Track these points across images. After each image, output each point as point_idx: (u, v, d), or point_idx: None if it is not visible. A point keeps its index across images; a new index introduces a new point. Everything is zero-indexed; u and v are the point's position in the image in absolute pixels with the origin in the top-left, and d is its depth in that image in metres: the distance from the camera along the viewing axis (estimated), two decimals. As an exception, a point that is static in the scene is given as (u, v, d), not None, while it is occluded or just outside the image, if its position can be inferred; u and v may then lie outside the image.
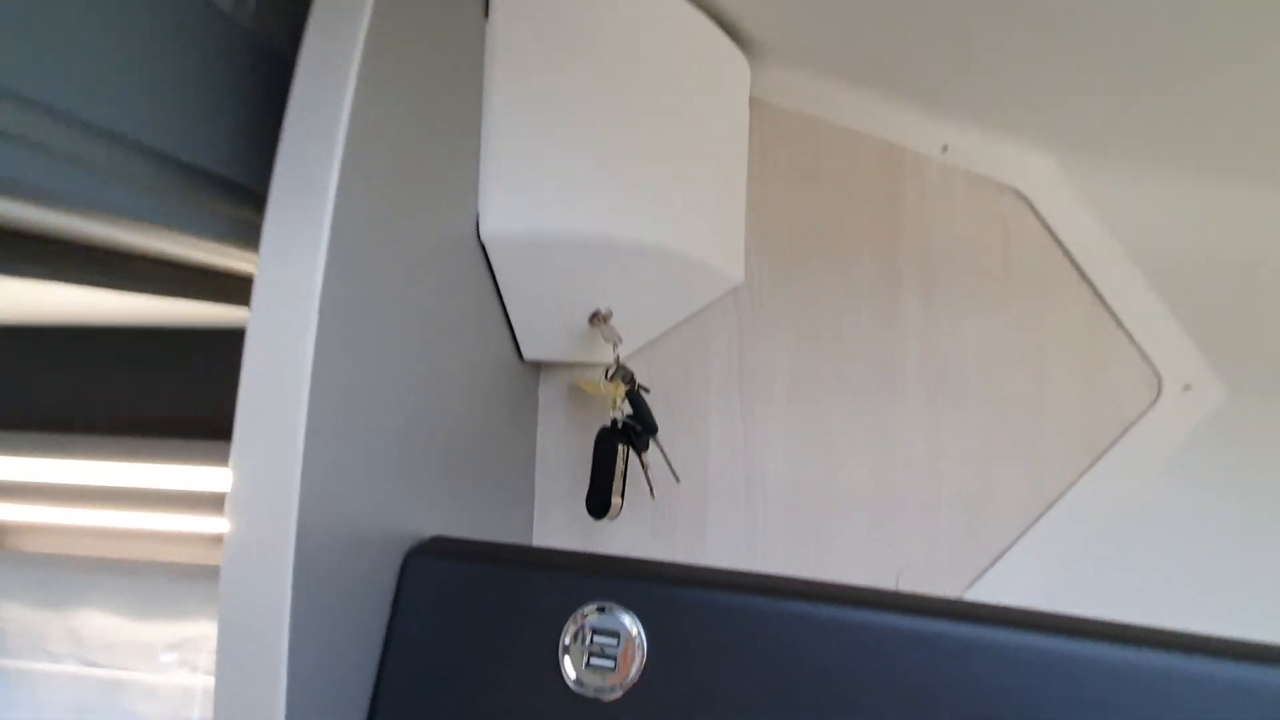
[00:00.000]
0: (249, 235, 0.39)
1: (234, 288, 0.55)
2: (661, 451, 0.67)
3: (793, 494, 0.71)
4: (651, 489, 0.68)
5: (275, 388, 0.35)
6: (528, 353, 0.68)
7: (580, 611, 0.38)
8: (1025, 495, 0.67)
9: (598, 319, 0.66)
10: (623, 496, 0.65)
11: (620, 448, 0.65)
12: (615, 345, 0.65)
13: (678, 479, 0.66)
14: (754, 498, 0.72)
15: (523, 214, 0.56)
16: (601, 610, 0.38)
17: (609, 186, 0.59)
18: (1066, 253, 0.68)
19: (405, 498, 0.45)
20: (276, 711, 0.33)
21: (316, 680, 0.35)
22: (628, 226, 0.60)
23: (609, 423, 0.66)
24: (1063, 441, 0.67)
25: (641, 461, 0.67)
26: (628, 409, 0.67)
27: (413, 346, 0.47)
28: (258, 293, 0.36)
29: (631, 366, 0.70)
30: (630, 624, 0.37)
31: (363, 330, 0.40)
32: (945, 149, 0.69)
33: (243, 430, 0.35)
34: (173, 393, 0.91)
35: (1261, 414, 0.64)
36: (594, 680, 0.37)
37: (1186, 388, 0.65)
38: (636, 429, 0.66)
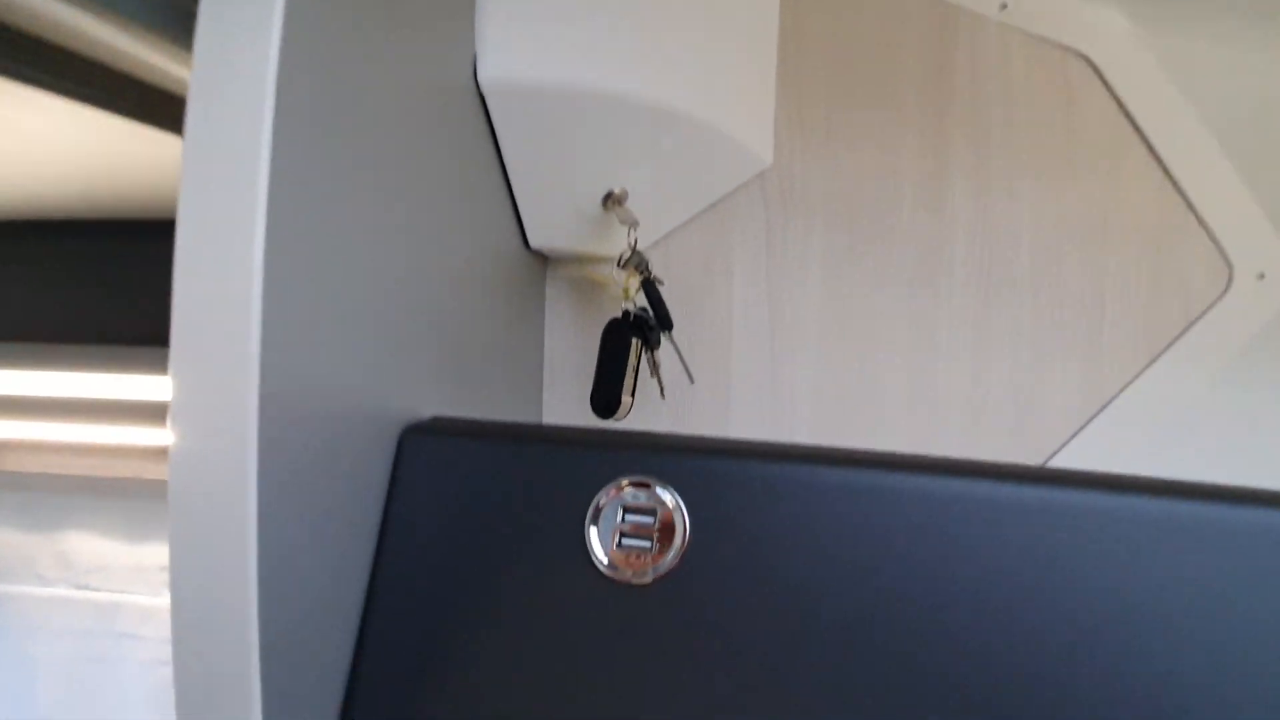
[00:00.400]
0: (188, 28, 0.32)
1: (170, 111, 0.47)
2: (675, 349, 0.61)
3: (825, 399, 0.65)
4: (662, 389, 0.63)
5: (221, 230, 0.28)
6: (535, 239, 0.61)
7: (612, 487, 0.33)
8: (1078, 396, 0.61)
9: (612, 201, 0.60)
10: (633, 395, 0.60)
11: (634, 342, 0.59)
12: (631, 229, 0.59)
13: (692, 379, 0.60)
14: (781, 404, 0.66)
15: (528, 58, 0.49)
16: (637, 485, 0.33)
17: (626, 35, 0.51)
18: (1135, 125, 0.60)
19: (397, 380, 0.40)
20: (248, 611, 0.28)
21: (294, 579, 0.30)
22: (646, 83, 0.52)
23: (620, 314, 0.60)
24: (1122, 336, 0.61)
25: (653, 359, 0.61)
26: (641, 301, 0.60)
27: (404, 210, 0.40)
28: (193, 97, 0.29)
29: (657, 287, 0.63)
30: (670, 499, 0.32)
31: (338, 177, 0.33)
32: (1003, 6, 0.61)
33: (185, 280, 0.29)
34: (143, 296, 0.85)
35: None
36: (627, 562, 0.32)
37: (1261, 276, 0.59)
38: (650, 323, 0.60)
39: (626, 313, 0.60)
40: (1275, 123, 0.58)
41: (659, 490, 0.32)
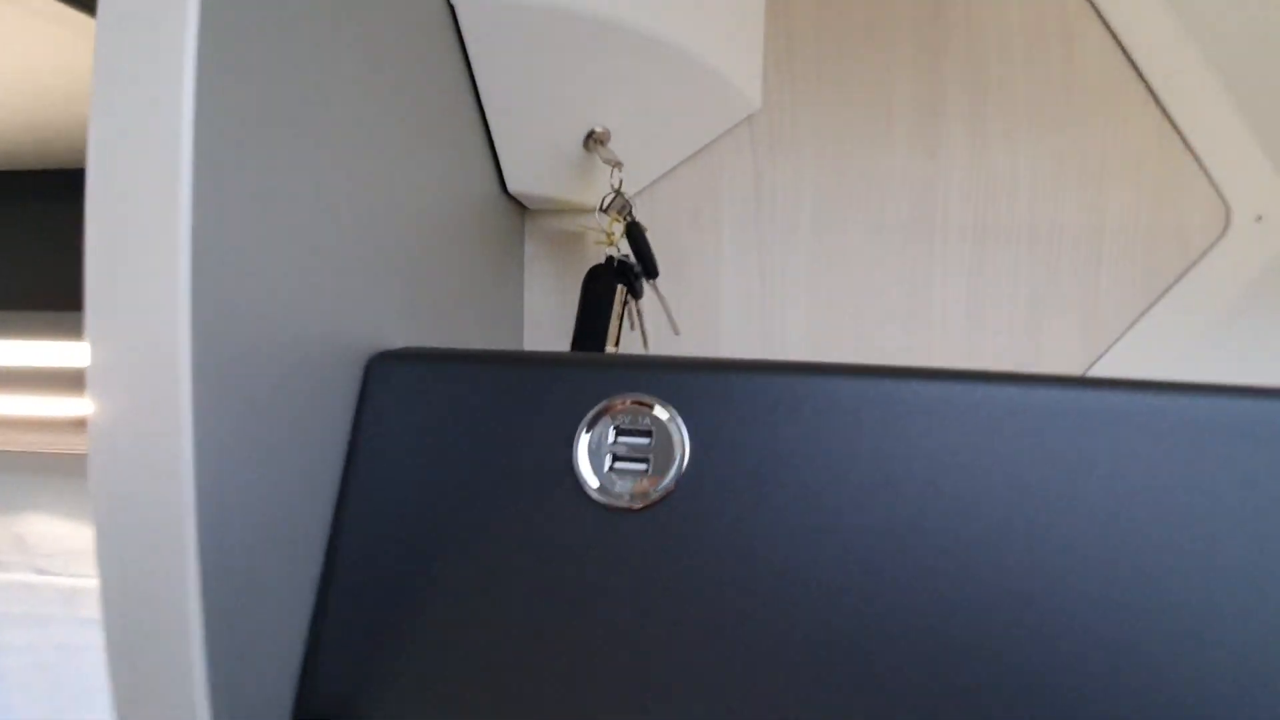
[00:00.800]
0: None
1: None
2: (660, 297, 0.59)
3: (817, 350, 0.63)
4: (645, 340, 0.60)
5: (140, 146, 0.25)
6: (513, 182, 0.58)
7: (603, 406, 0.30)
8: (1076, 344, 0.60)
9: (593, 140, 0.57)
10: (617, 345, 0.57)
11: (618, 288, 0.56)
12: (614, 170, 0.56)
13: (677, 330, 0.58)
14: (771, 355, 0.64)
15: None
16: (630, 404, 0.30)
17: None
18: (1134, 64, 0.58)
19: (363, 316, 0.37)
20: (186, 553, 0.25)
21: (243, 523, 0.27)
22: (632, 7, 0.50)
23: (603, 260, 0.57)
24: (1120, 282, 0.59)
25: (636, 309, 0.59)
26: (625, 247, 0.58)
27: (367, 137, 0.37)
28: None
29: (643, 231, 0.60)
30: (667, 417, 0.30)
31: (283, 92, 0.30)
32: (999, -59, 0.59)
33: (100, 202, 0.25)
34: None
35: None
36: (621, 486, 0.29)
37: (1259, 218, 0.58)
38: (635, 269, 0.57)
39: (610, 258, 0.57)
40: (1249, 61, 0.57)
41: (655, 408, 0.30)
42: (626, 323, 0.58)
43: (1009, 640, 0.25)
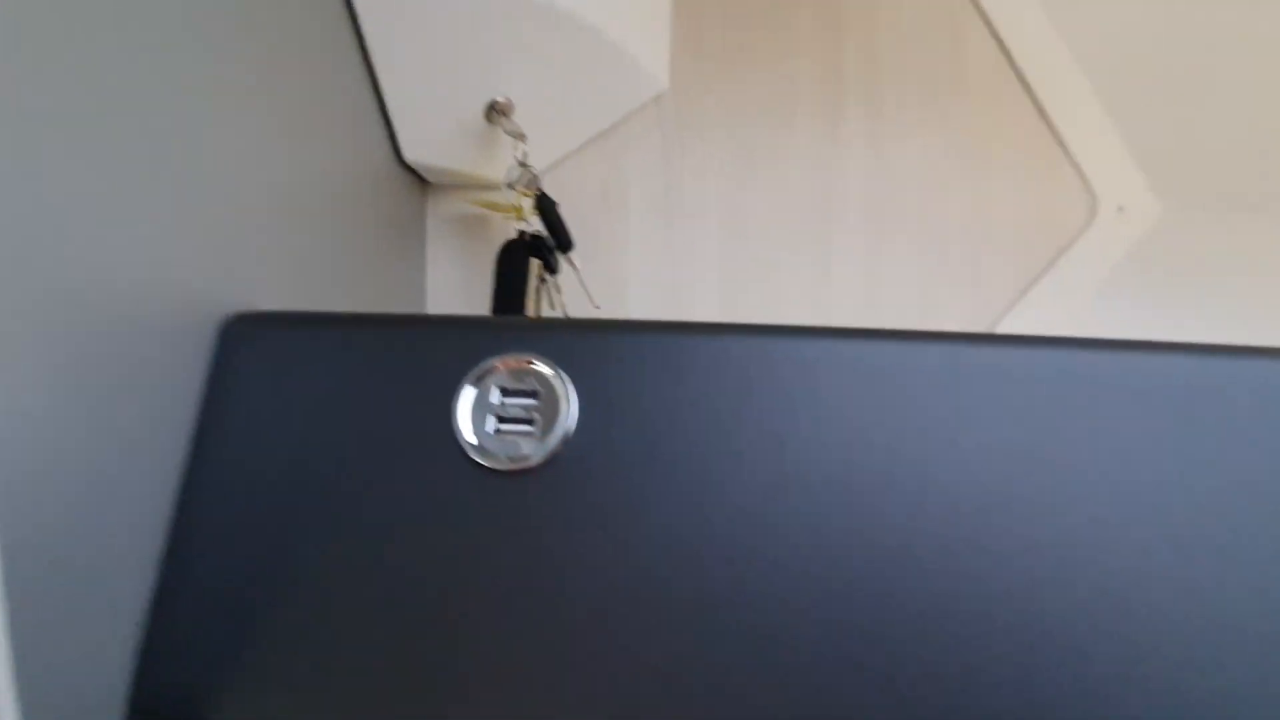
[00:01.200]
0: None
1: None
2: (576, 271, 0.57)
3: (723, 329, 0.63)
4: (565, 315, 0.59)
5: None
6: (409, 150, 0.55)
7: (486, 367, 0.29)
8: (964, 325, 0.63)
9: (495, 112, 0.55)
10: (532, 324, 0.55)
11: (533, 263, 0.55)
12: (519, 143, 0.54)
13: (595, 304, 0.57)
14: (679, 337, 0.64)
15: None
16: (516, 364, 0.28)
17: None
18: (1013, 63, 0.63)
19: (226, 279, 0.33)
20: None
21: (58, 509, 0.24)
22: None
23: (515, 234, 0.55)
24: (1001, 266, 0.63)
25: (554, 285, 0.57)
26: (536, 224, 0.56)
27: (232, 78, 0.34)
28: None
29: (554, 203, 0.58)
30: (554, 378, 0.28)
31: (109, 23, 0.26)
32: (893, -63, 0.61)
33: None
34: None
35: (1195, 235, 0.63)
36: (505, 448, 0.28)
37: (1121, 209, 0.63)
38: (549, 244, 0.55)
39: (522, 233, 0.55)
40: (1141, 66, 0.62)
41: (540, 367, 0.28)
42: (545, 299, 0.56)
43: (895, 594, 0.26)
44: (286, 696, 0.25)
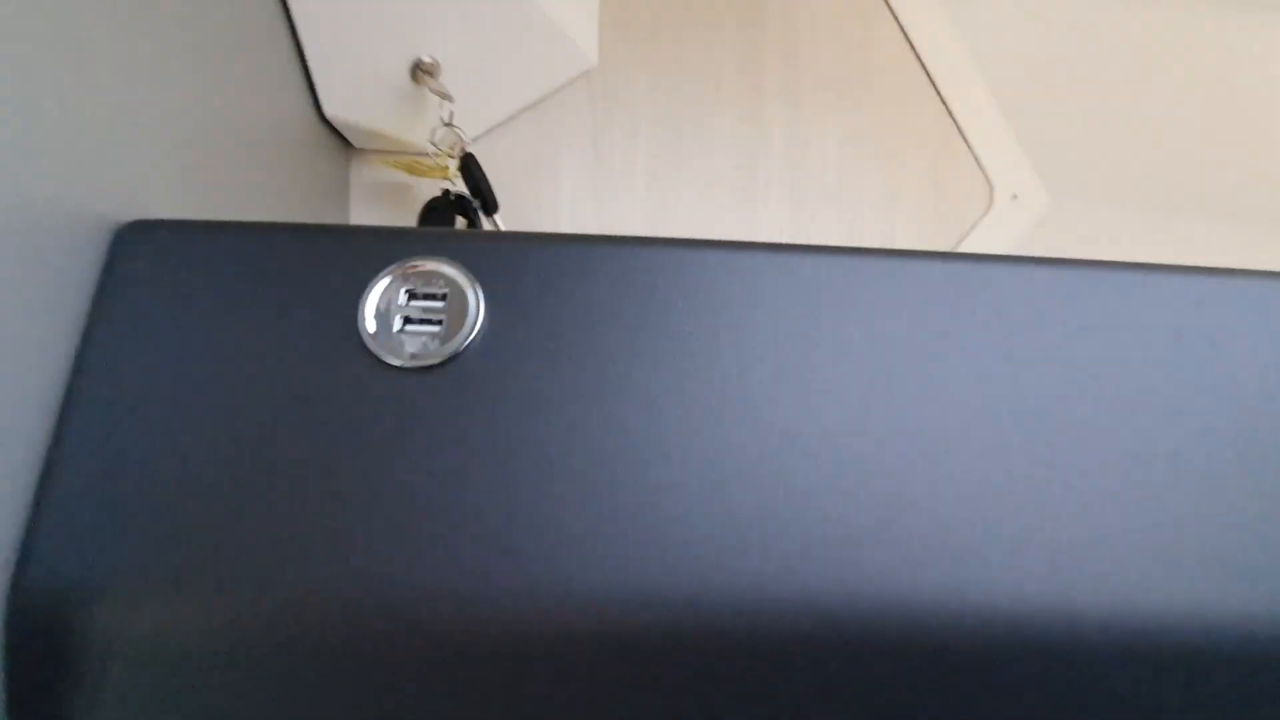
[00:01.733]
0: None
1: None
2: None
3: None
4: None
5: None
6: (329, 106, 0.54)
7: (393, 270, 0.28)
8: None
9: (421, 71, 0.54)
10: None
11: (458, 222, 0.54)
12: (444, 103, 0.54)
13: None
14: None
15: None
16: (423, 268, 0.29)
17: None
18: (919, 58, 0.67)
19: (117, 181, 0.32)
20: None
21: None
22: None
23: (439, 193, 0.55)
24: (912, 245, 0.67)
25: (478, 249, 0.57)
26: (461, 185, 0.56)
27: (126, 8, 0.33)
28: None
29: (478, 163, 0.58)
30: (460, 277, 0.28)
31: None
32: (810, -66, 0.65)
33: None
34: None
35: (1080, 222, 0.68)
36: (407, 346, 0.28)
37: (1014, 197, 0.68)
38: (474, 205, 0.55)
39: (446, 191, 0.55)
40: (1033, 67, 0.67)
41: (448, 270, 0.28)
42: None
43: (793, 498, 0.27)
44: (171, 590, 0.24)
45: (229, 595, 0.24)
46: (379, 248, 0.29)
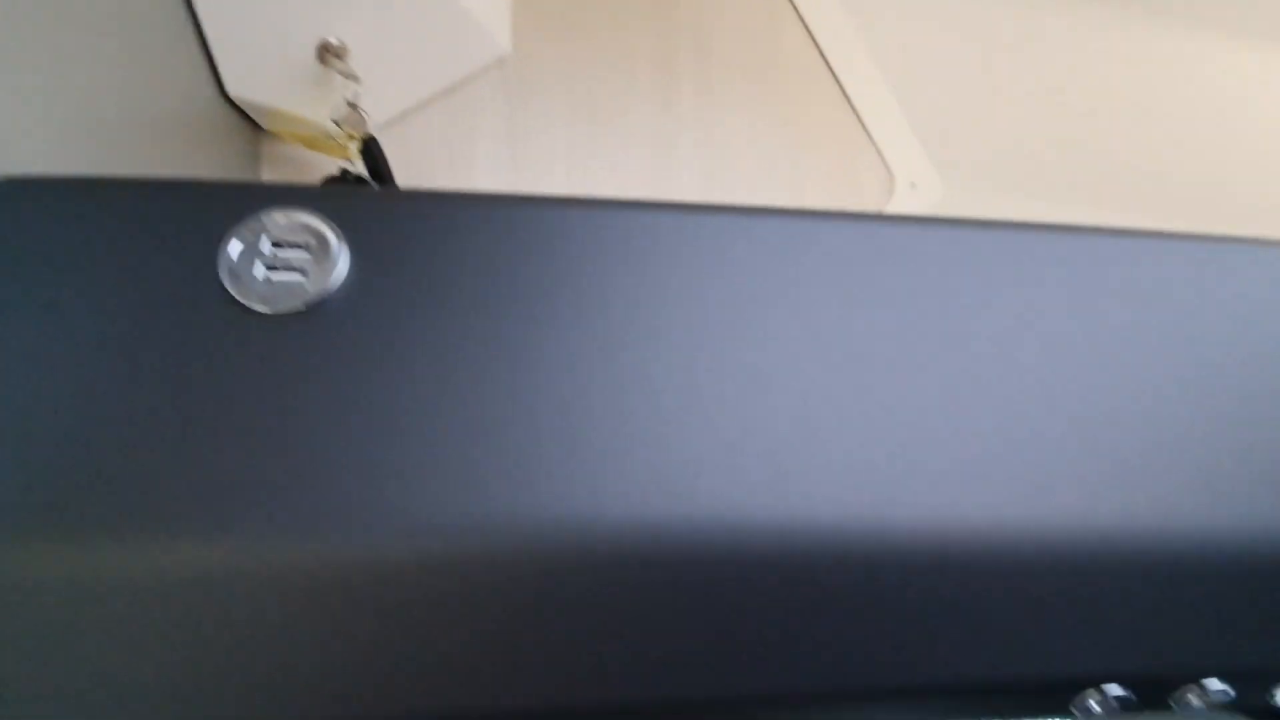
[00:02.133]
0: None
1: None
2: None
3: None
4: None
5: None
6: (233, 86, 0.54)
7: (257, 219, 0.29)
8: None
9: (328, 53, 0.55)
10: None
11: (354, 201, 0.55)
12: (350, 83, 0.55)
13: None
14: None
15: None
16: (287, 218, 0.29)
17: None
18: (822, 54, 0.70)
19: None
20: None
21: None
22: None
23: (336, 171, 0.55)
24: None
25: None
26: (361, 167, 0.56)
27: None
28: None
29: (380, 146, 0.59)
30: (327, 231, 0.29)
31: None
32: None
33: None
34: None
35: (973, 210, 0.71)
36: (269, 294, 0.28)
37: (913, 185, 0.71)
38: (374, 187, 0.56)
39: (345, 171, 0.55)
40: (928, 63, 0.71)
41: (313, 221, 0.29)
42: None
43: (690, 450, 0.28)
44: (33, 539, 0.24)
45: (84, 543, 0.24)
46: (247, 199, 0.30)
